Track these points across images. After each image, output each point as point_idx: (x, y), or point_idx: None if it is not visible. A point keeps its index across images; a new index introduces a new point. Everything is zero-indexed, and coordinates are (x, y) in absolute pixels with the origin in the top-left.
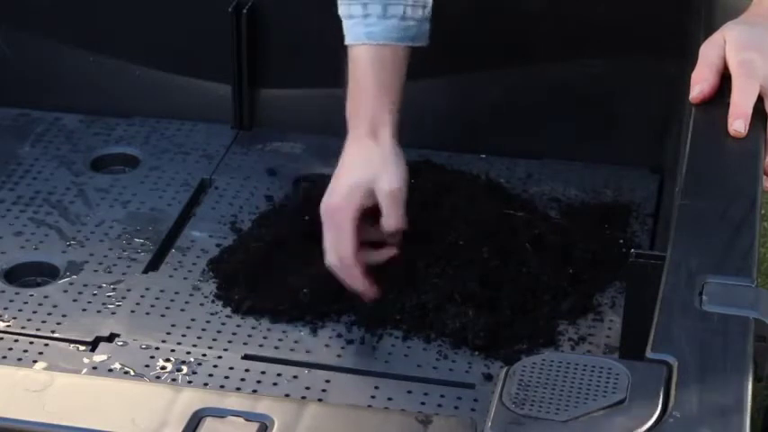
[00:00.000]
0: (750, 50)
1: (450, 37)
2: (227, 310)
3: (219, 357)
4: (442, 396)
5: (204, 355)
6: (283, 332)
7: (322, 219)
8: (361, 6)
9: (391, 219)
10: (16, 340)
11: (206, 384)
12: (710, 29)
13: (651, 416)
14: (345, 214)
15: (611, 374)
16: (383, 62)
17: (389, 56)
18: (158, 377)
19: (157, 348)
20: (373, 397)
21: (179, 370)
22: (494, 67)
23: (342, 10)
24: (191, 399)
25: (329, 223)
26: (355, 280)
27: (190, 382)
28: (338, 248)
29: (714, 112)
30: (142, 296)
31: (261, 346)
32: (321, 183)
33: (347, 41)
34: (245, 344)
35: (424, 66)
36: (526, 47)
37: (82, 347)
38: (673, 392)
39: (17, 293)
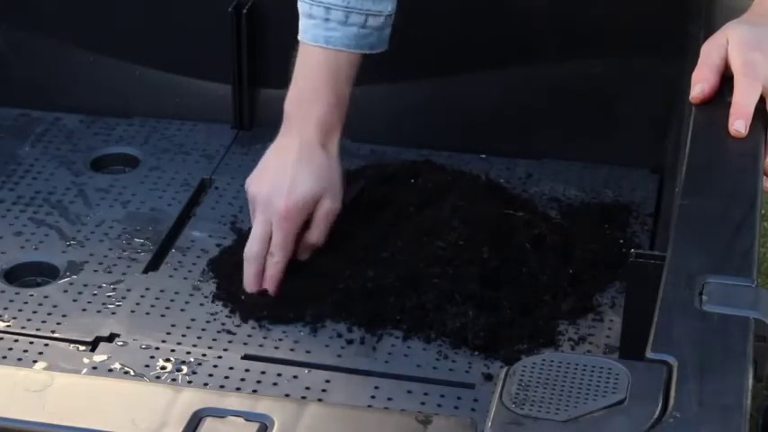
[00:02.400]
0: (754, 51)
1: (450, 37)
2: (227, 310)
3: (219, 357)
4: (442, 396)
5: (204, 355)
6: (283, 332)
7: (260, 207)
8: (324, 10)
9: (316, 234)
10: (16, 340)
11: (206, 384)
12: (711, 29)
13: (651, 416)
14: (292, 227)
15: (611, 374)
16: (338, 68)
17: (344, 62)
18: (158, 377)
19: (157, 348)
20: (373, 397)
21: (179, 370)
22: (493, 67)
23: (302, 7)
24: (191, 399)
25: (277, 226)
26: (272, 281)
27: (190, 382)
28: (276, 252)
29: (714, 112)
30: (142, 296)
31: (261, 346)
32: None
33: (303, 39)
34: (245, 344)
35: (424, 66)
36: (526, 47)
37: (82, 347)
38: (673, 392)
39: (17, 293)
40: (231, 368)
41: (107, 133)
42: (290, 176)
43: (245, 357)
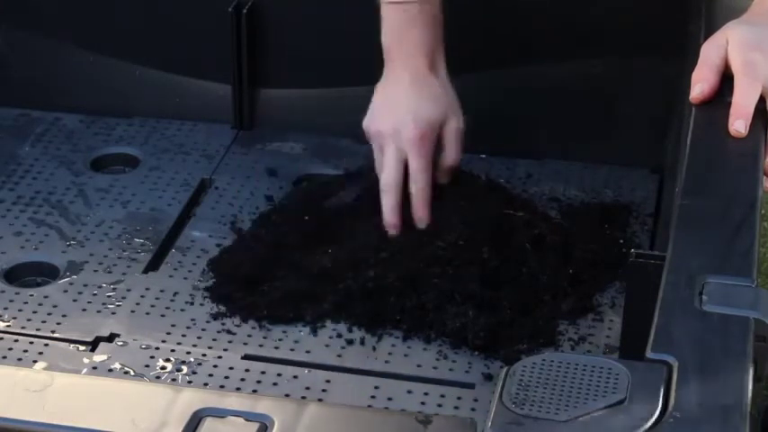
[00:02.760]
0: (753, 51)
1: (450, 37)
2: (227, 310)
3: (219, 357)
4: (442, 396)
5: (204, 355)
6: (283, 332)
7: (386, 139)
8: None
9: (452, 154)
10: (16, 340)
11: (206, 384)
12: (711, 29)
13: (651, 416)
14: (431, 147)
15: (611, 374)
16: None
17: None
18: (158, 377)
19: (157, 348)
20: (373, 397)
21: (179, 370)
22: (494, 67)
23: None
24: (191, 399)
25: (412, 151)
26: (424, 205)
27: (190, 382)
28: (417, 177)
29: (714, 112)
30: (142, 296)
31: (261, 346)
32: (322, 182)
33: None
34: (245, 344)
35: None
36: (526, 47)
37: (82, 347)
38: (673, 392)
39: (17, 293)
40: (231, 368)
41: (107, 133)
42: (412, 105)
43: (245, 357)
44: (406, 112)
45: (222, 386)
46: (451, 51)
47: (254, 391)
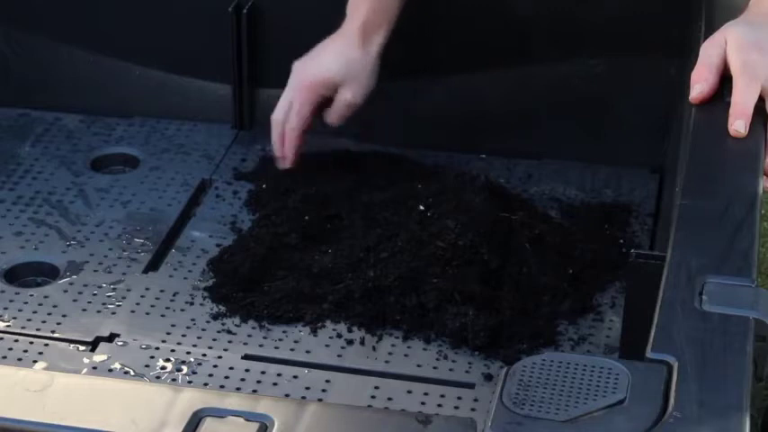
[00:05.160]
0: (752, 51)
1: (450, 37)
2: (227, 310)
3: (219, 357)
4: (442, 396)
5: (204, 355)
6: (283, 332)
7: (291, 78)
8: None
9: (333, 116)
10: (16, 340)
11: (206, 384)
12: (711, 29)
13: (651, 416)
14: (308, 98)
15: (611, 374)
16: None
17: None
18: (158, 377)
19: (157, 348)
20: (373, 397)
21: (179, 370)
22: (493, 67)
23: None
24: (191, 399)
25: (296, 95)
26: (288, 145)
27: (190, 382)
28: (291, 117)
29: (714, 112)
30: (142, 296)
31: (261, 346)
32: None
33: None
34: (245, 344)
35: (425, 66)
36: (526, 47)
37: (82, 347)
38: (673, 392)
39: (17, 293)
40: (231, 368)
41: (107, 133)
42: (319, 57)
43: (245, 357)
44: (312, 61)
45: (222, 386)
46: (452, 51)
47: (254, 391)
